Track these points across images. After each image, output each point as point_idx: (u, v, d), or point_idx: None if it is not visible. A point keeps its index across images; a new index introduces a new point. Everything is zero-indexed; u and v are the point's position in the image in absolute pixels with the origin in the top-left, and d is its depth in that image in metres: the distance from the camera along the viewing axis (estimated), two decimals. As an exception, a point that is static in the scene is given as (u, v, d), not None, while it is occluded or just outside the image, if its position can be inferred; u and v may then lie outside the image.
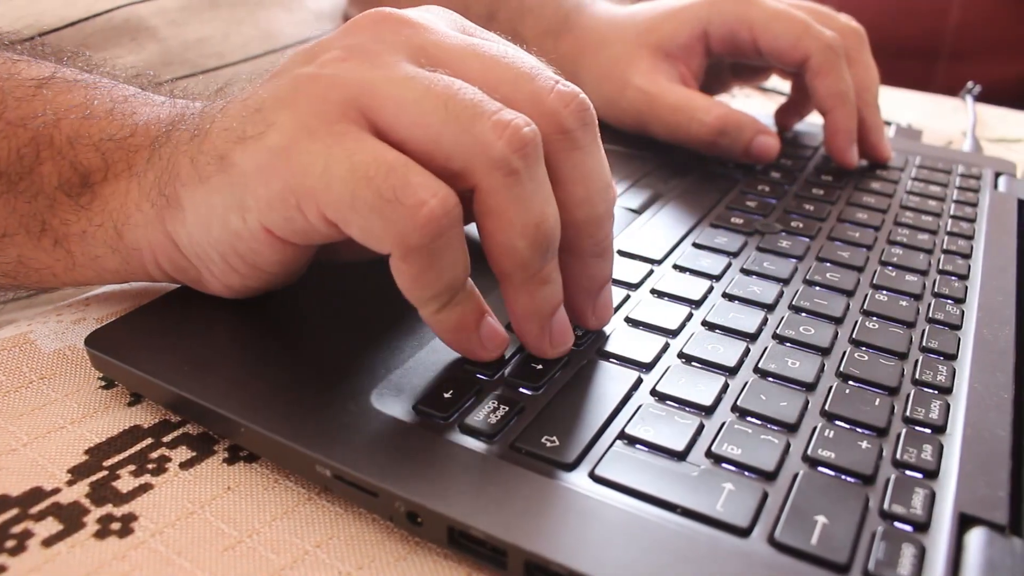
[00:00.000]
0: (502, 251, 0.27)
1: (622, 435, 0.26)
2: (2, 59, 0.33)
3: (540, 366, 0.29)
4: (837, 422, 0.28)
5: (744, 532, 0.23)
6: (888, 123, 0.66)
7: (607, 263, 0.30)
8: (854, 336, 0.33)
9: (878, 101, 0.51)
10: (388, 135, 0.26)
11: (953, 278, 0.38)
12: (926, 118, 0.69)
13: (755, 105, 0.70)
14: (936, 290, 0.37)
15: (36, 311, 0.40)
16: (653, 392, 0.29)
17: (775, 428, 0.27)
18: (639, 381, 0.29)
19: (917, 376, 0.30)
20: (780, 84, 0.70)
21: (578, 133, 0.28)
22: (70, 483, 0.27)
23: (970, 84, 0.73)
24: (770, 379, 0.30)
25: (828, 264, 0.38)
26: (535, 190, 0.26)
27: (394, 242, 0.25)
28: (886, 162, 0.52)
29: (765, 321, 0.33)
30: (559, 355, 0.29)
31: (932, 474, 0.26)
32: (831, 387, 0.29)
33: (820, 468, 0.26)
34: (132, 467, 0.28)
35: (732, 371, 0.30)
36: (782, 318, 0.33)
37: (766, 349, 0.31)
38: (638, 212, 0.43)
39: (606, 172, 0.29)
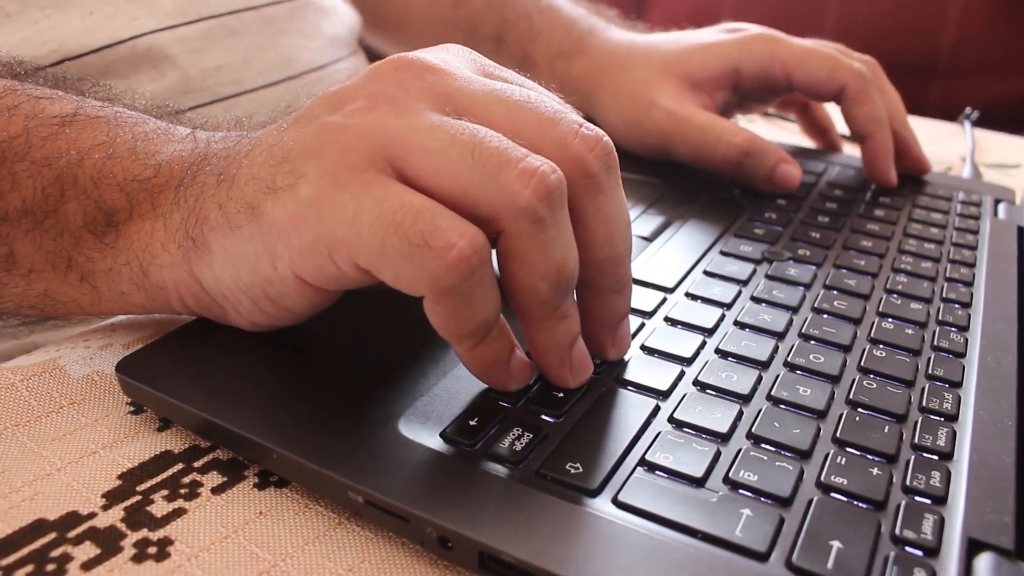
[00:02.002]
0: (523, 291, 0.28)
1: (642, 462, 0.27)
2: (26, 96, 0.33)
3: (561, 394, 0.30)
4: (848, 449, 0.29)
5: (762, 556, 0.24)
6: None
7: (626, 298, 0.31)
8: (862, 364, 0.34)
9: (907, 120, 0.55)
10: (415, 184, 0.27)
11: (956, 306, 0.39)
12: (924, 143, 0.70)
13: (758, 129, 0.71)
14: (940, 318, 0.38)
15: (61, 335, 0.40)
16: (671, 419, 0.30)
17: (789, 455, 0.28)
18: (657, 409, 0.30)
19: (924, 404, 0.31)
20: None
21: (602, 177, 0.28)
22: (105, 507, 0.28)
23: (968, 110, 0.74)
24: (783, 406, 0.31)
25: (835, 292, 0.39)
26: (558, 235, 0.27)
27: (426, 285, 0.26)
28: (928, 172, 0.56)
29: (776, 349, 0.34)
30: (579, 384, 0.30)
31: (941, 500, 0.27)
32: (841, 414, 0.30)
33: (833, 494, 0.27)
34: (165, 492, 0.28)
35: (746, 399, 0.31)
36: (792, 346, 0.34)
37: (778, 377, 0.32)
38: (649, 240, 0.44)
39: (626, 212, 0.30)
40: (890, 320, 0.37)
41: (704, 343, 0.34)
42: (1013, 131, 0.75)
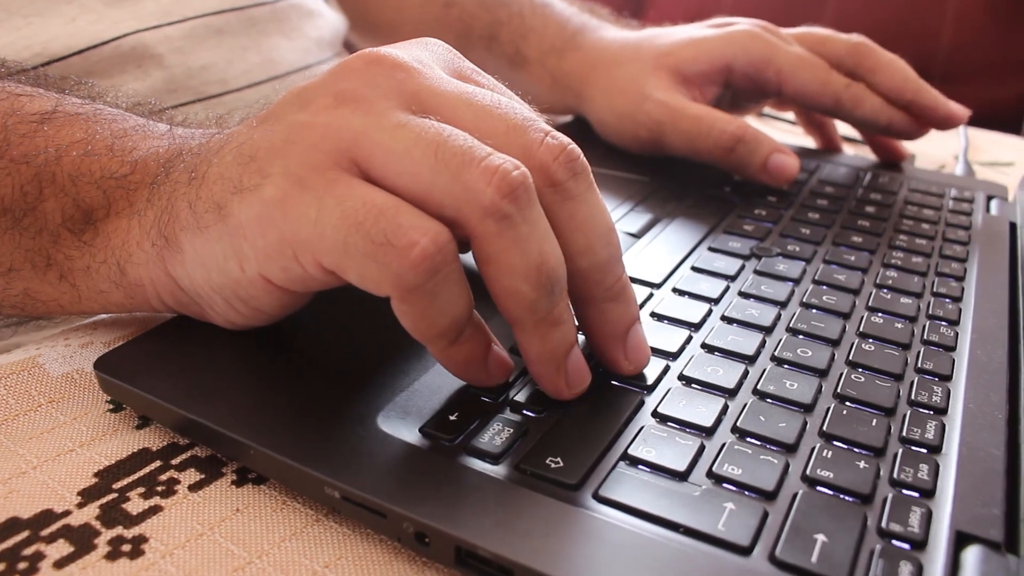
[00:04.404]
0: (507, 296, 0.27)
1: (625, 456, 0.27)
2: (5, 94, 0.33)
3: (544, 389, 0.30)
4: (835, 442, 0.28)
5: (745, 551, 0.24)
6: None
7: (626, 305, 0.30)
8: (851, 358, 0.33)
9: (920, 82, 0.53)
10: (380, 184, 0.26)
11: (947, 300, 0.39)
12: (918, 142, 0.70)
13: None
14: (931, 312, 0.37)
15: (44, 335, 0.40)
16: (655, 414, 0.29)
17: (774, 448, 0.28)
18: (641, 403, 0.30)
19: (913, 397, 0.31)
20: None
21: (569, 184, 0.28)
22: (80, 505, 0.27)
23: (961, 109, 0.74)
24: (769, 400, 0.30)
25: (824, 287, 0.39)
26: (530, 232, 0.26)
27: (391, 285, 0.25)
28: (962, 122, 0.54)
29: (763, 344, 0.34)
30: (576, 395, 0.29)
31: (928, 493, 0.26)
32: (829, 408, 0.30)
33: (819, 487, 0.26)
34: (142, 489, 0.28)
35: (732, 393, 0.30)
36: (780, 340, 0.34)
37: (765, 371, 0.32)
38: (637, 236, 0.43)
39: (605, 218, 0.29)
40: (880, 315, 0.37)
41: (690, 338, 0.34)
42: (1009, 134, 0.75)
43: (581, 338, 0.31)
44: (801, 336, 0.34)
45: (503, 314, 0.28)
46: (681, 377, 0.31)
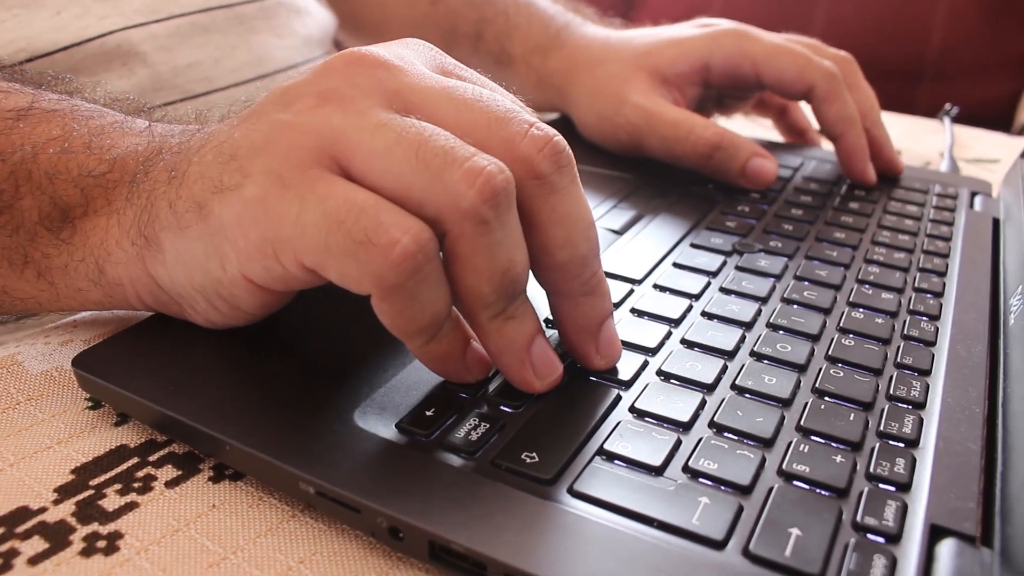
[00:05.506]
0: (467, 294, 0.27)
1: (601, 451, 0.27)
2: None
3: (521, 384, 0.30)
4: (812, 437, 0.28)
5: (719, 545, 0.24)
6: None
7: (600, 300, 0.30)
8: (830, 353, 0.33)
9: (881, 119, 0.54)
10: (361, 183, 0.26)
11: (928, 296, 0.39)
12: (904, 139, 0.70)
13: (737, 125, 0.71)
14: (911, 307, 0.37)
15: (24, 333, 0.40)
16: (632, 409, 0.29)
17: (751, 443, 0.28)
18: (618, 398, 0.30)
19: (891, 392, 0.31)
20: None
21: (553, 177, 0.27)
22: (56, 502, 0.27)
23: (948, 106, 0.74)
24: (747, 395, 0.30)
25: (806, 283, 0.39)
26: (504, 238, 0.26)
27: (371, 283, 0.25)
28: (900, 174, 0.55)
29: (743, 339, 0.34)
30: (548, 387, 0.29)
31: (904, 487, 0.26)
32: (807, 403, 0.30)
33: (795, 482, 0.26)
34: (118, 486, 0.28)
35: (710, 388, 0.30)
36: (760, 336, 0.34)
37: (743, 366, 0.32)
38: (619, 233, 0.43)
39: (586, 212, 0.29)
40: (860, 310, 0.37)
41: (669, 333, 0.34)
42: (998, 131, 0.75)
43: (553, 333, 0.31)
44: (781, 331, 0.35)
45: (459, 307, 0.28)
46: (659, 372, 0.31)
